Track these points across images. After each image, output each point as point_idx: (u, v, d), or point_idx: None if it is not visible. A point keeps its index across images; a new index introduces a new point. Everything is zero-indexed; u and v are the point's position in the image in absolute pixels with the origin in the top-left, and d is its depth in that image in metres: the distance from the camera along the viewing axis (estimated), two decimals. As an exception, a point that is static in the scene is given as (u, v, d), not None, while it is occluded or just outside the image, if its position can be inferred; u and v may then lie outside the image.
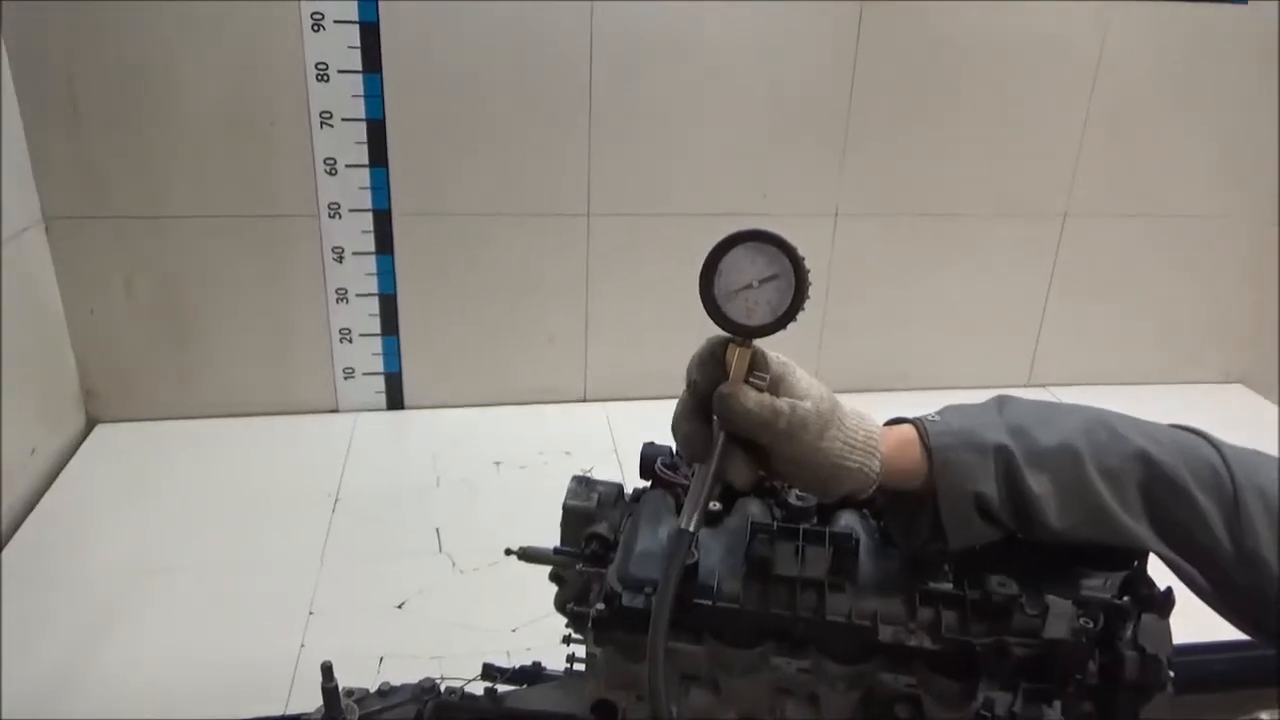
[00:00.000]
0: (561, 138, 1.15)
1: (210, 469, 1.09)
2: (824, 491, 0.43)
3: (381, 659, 0.81)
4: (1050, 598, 0.42)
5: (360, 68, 1.08)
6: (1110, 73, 1.22)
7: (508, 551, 0.55)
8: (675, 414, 0.43)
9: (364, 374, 1.22)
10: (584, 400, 1.28)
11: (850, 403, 0.43)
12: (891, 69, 1.18)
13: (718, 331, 0.41)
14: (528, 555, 0.53)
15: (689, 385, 0.43)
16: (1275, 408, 1.37)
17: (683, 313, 0.41)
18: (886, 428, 0.45)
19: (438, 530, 0.99)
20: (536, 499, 1.09)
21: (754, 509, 0.49)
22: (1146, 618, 0.41)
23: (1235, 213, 1.32)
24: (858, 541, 0.45)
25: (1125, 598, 0.43)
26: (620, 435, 1.20)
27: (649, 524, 0.48)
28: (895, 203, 1.25)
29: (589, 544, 0.49)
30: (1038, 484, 0.42)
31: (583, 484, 0.54)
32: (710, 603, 0.44)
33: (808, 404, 0.41)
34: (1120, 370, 1.39)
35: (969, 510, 0.42)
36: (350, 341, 1.20)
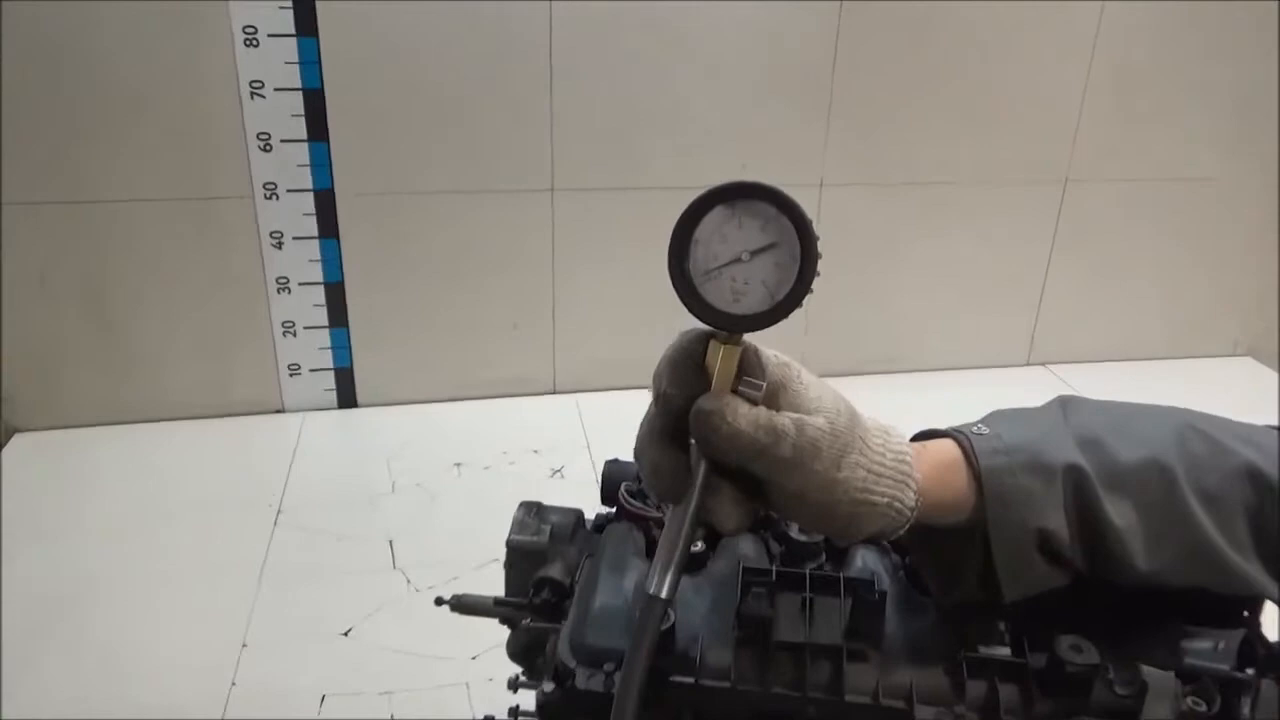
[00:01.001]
0: (520, 106, 1.04)
1: (139, 480, 0.99)
2: (842, 534, 0.33)
3: (324, 698, 0.71)
4: (1145, 669, 0.32)
5: (293, 30, 0.97)
6: (1112, 28, 1.13)
7: (438, 601, 0.45)
8: (639, 437, 0.34)
9: (311, 370, 1.12)
10: (553, 392, 1.19)
11: (859, 400, 0.34)
12: (878, 28, 1.08)
13: (694, 323, 0.32)
14: (463, 606, 0.43)
15: (656, 398, 0.33)
16: (1285, 381, 1.29)
17: (660, 293, 0.31)
18: (919, 444, 0.35)
19: (391, 543, 0.89)
20: (501, 504, 0.99)
21: (745, 548, 0.39)
22: (1266, 686, 0.32)
23: (1242, 175, 1.24)
24: (883, 593, 0.35)
25: (1246, 668, 0.33)
26: (593, 429, 1.11)
27: (611, 571, 0.38)
28: (884, 171, 1.15)
29: (539, 591, 0.39)
30: (1119, 513, 0.33)
31: (531, 513, 0.44)
32: (692, 680, 0.34)
33: (819, 420, 0.32)
34: (1124, 345, 1.31)
35: (1030, 551, 0.33)
36: (294, 335, 1.10)
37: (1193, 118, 1.20)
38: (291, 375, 1.12)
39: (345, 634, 0.78)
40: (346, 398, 1.14)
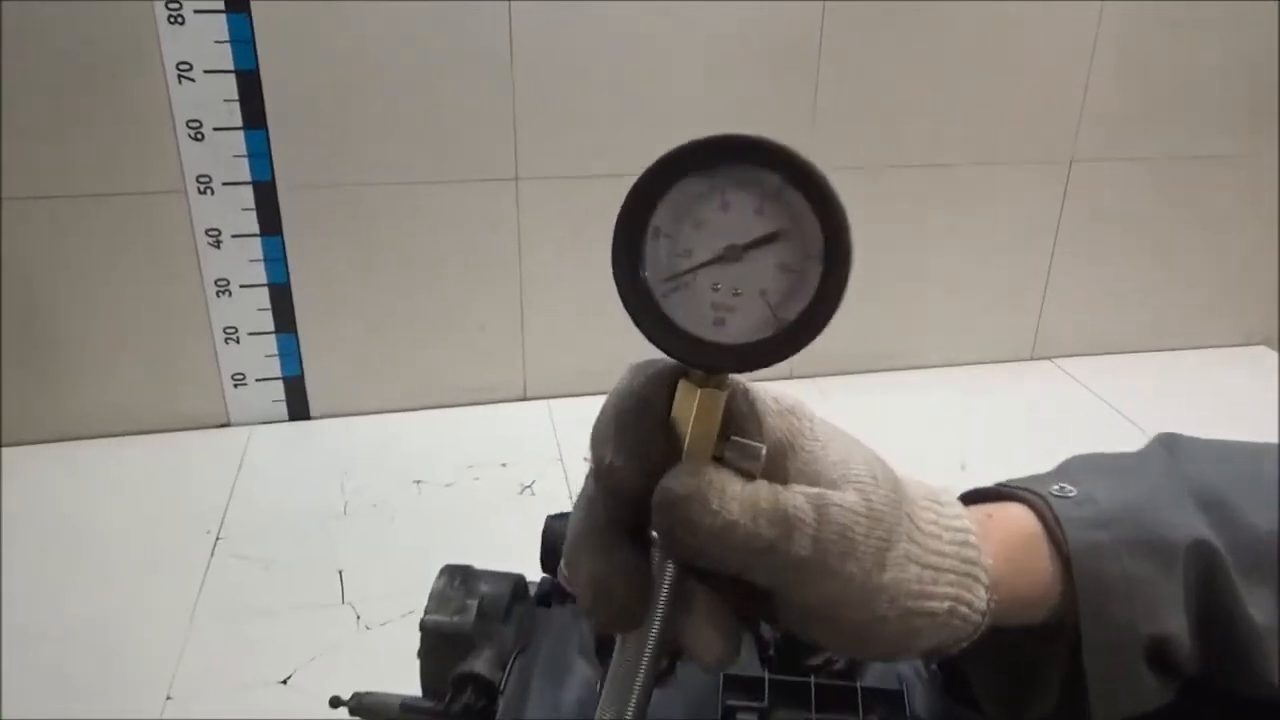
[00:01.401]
0: (480, 85, 0.95)
1: (63, 506, 0.89)
2: (886, 657, 0.24)
3: (255, 760, 0.62)
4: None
5: (223, 5, 0.87)
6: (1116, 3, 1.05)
7: (334, 702, 0.35)
8: (571, 534, 0.24)
9: (258, 380, 1.02)
10: (523, 398, 1.10)
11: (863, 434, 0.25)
12: (867, 7, 0.99)
13: (651, 350, 0.23)
14: (364, 710, 0.34)
15: (597, 473, 0.23)
16: (1303, 370, 1.22)
17: None
18: (979, 510, 0.26)
19: (341, 573, 0.80)
20: (465, 526, 0.91)
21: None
22: None
23: (1257, 152, 1.16)
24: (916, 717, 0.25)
25: None
26: (567, 438, 1.02)
27: (548, 675, 0.29)
28: (876, 153, 1.07)
29: (459, 691, 0.30)
30: (1259, 606, 0.24)
31: (455, 582, 0.34)
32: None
33: (849, 498, 0.23)
34: (1134, 336, 1.23)
35: (1136, 661, 0.24)
36: (238, 342, 1.00)
37: (1205, 91, 1.12)
38: (236, 386, 1.02)
39: (284, 681, 0.69)
40: (297, 409, 1.04)
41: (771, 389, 0.24)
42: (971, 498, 0.27)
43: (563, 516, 0.35)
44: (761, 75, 1.00)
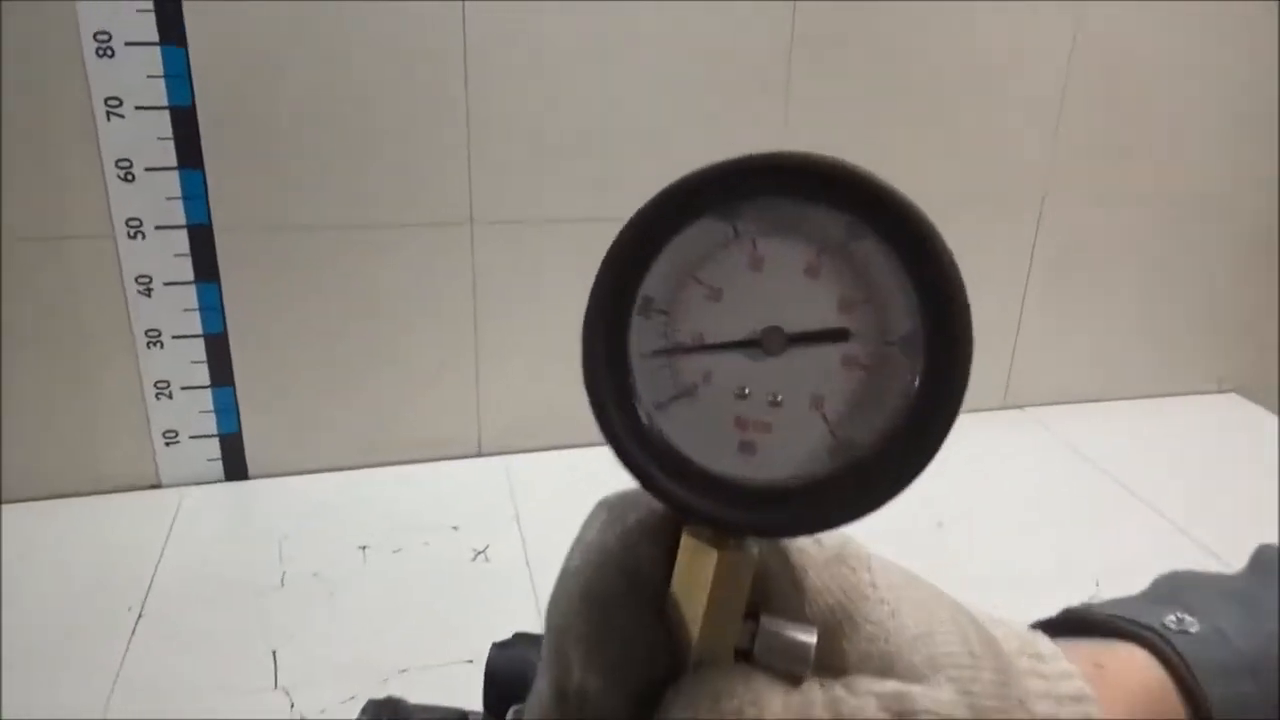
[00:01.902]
0: (432, 124, 0.90)
1: (-31, 579, 0.81)
2: None
3: None
4: None
5: (156, 38, 0.82)
6: (1091, 31, 1.03)
7: None
8: None
9: (191, 437, 0.95)
10: (478, 454, 1.03)
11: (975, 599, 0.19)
12: (836, 43, 0.97)
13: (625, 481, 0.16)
14: None
15: (559, 692, 0.16)
16: (1274, 418, 1.20)
17: None
18: (1088, 663, 0.21)
19: (274, 653, 0.73)
20: (412, 598, 0.84)
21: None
22: None
23: (1228, 196, 1.15)
24: None
25: None
26: (524, 497, 0.96)
27: None
28: (846, 197, 1.03)
29: None
30: None
31: (383, 716, 0.28)
32: None
33: (944, 695, 0.17)
34: (1106, 384, 1.21)
35: None
36: (170, 397, 0.93)
37: (1178, 135, 1.11)
38: (168, 444, 0.95)
39: (207, 783, 0.62)
40: (234, 468, 0.97)
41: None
42: (1060, 627, 0.22)
43: (508, 646, 0.29)
44: (728, 114, 0.97)
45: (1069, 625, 0.23)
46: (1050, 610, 0.31)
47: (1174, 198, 1.13)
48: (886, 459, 0.13)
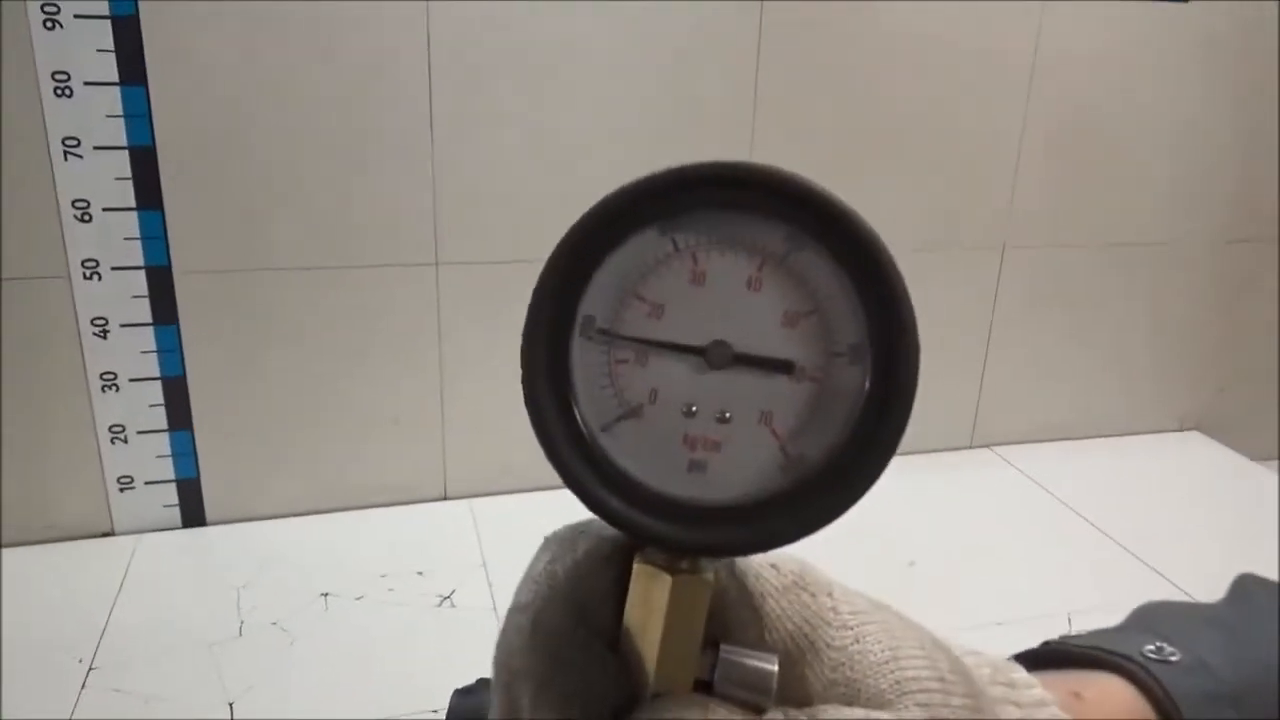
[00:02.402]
0: (397, 165, 0.90)
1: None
2: None
3: None
4: None
5: (117, 78, 0.81)
6: (1046, 82, 1.05)
7: None
8: None
9: (147, 483, 0.93)
10: (443, 498, 1.02)
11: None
12: (799, 85, 0.98)
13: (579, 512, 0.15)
14: None
15: None
16: (1234, 455, 1.21)
17: None
18: (1064, 690, 0.20)
19: (231, 706, 0.71)
20: (376, 646, 0.82)
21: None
22: None
23: (1186, 239, 1.17)
24: None
25: None
26: (491, 542, 0.94)
27: None
28: (811, 238, 1.04)
29: None
30: None
31: None
32: None
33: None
34: (1071, 423, 1.21)
35: None
36: (125, 441, 0.91)
37: (1135, 177, 1.13)
38: (123, 490, 0.92)
39: (157, 845, 0.59)
40: (192, 514, 0.95)
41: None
42: (1039, 660, 0.21)
43: (471, 692, 0.28)
44: (695, 158, 0.97)
45: (1048, 658, 0.22)
46: (1024, 647, 0.31)
47: (1130, 244, 1.16)
48: (838, 472, 0.13)
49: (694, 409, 0.14)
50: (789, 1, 0.95)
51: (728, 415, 0.14)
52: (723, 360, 0.14)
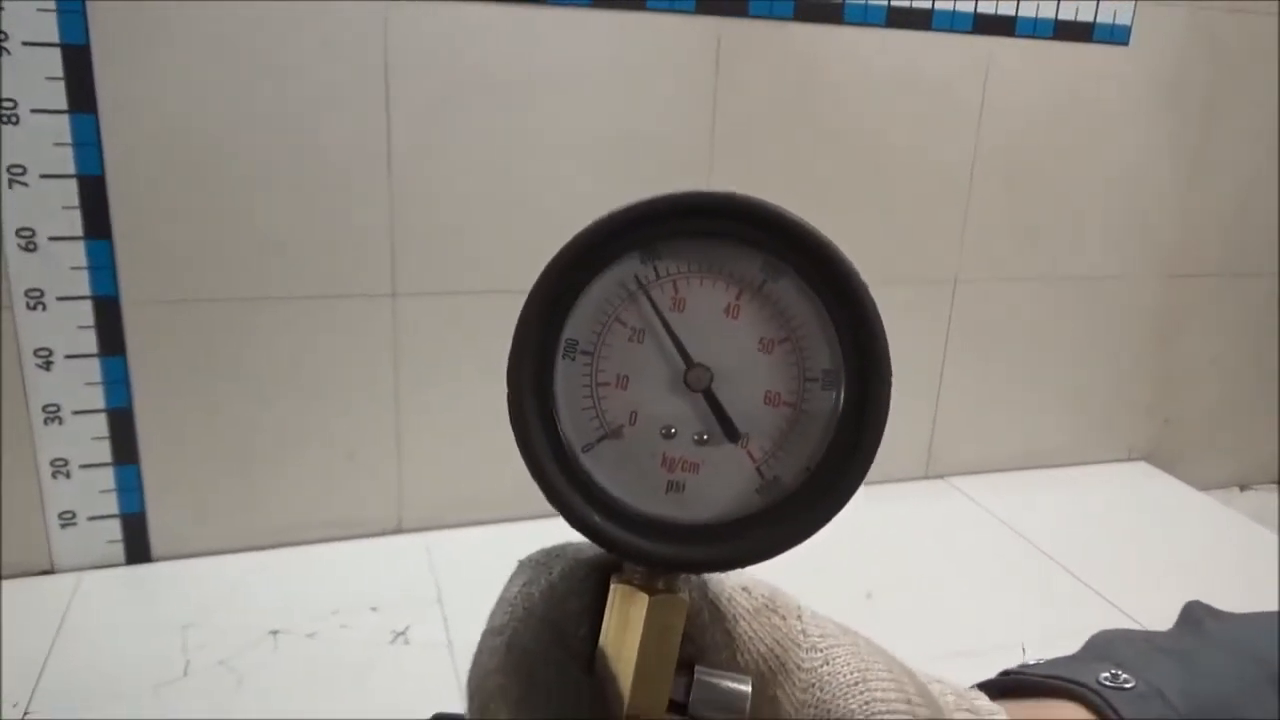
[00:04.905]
0: (352, 192, 0.89)
1: None
2: None
3: None
4: None
5: (66, 106, 0.80)
6: (994, 119, 1.08)
7: None
8: None
9: (90, 519, 0.90)
10: (398, 531, 1.00)
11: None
12: (755, 122, 0.99)
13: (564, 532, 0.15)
14: None
15: None
16: (1180, 485, 1.24)
17: None
18: (1020, 709, 0.21)
19: (175, 750, 0.69)
20: (327, 685, 0.80)
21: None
22: None
23: (1130, 273, 1.20)
24: None
25: None
26: (447, 576, 0.93)
27: None
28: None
29: None
30: None
31: None
32: None
33: None
34: (1022, 453, 1.23)
35: None
36: (68, 476, 0.88)
37: (1080, 214, 1.16)
38: (64, 526, 0.90)
39: None
40: (136, 551, 0.92)
41: (733, 574, 0.18)
42: (997, 689, 0.21)
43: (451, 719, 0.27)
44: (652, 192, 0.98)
45: (1007, 687, 0.22)
46: (982, 677, 0.31)
47: (1078, 278, 1.18)
48: (813, 491, 0.13)
49: (673, 431, 0.15)
50: (746, 36, 0.96)
51: (705, 437, 0.14)
52: (699, 382, 0.14)
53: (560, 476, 0.14)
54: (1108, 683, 0.21)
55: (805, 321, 0.14)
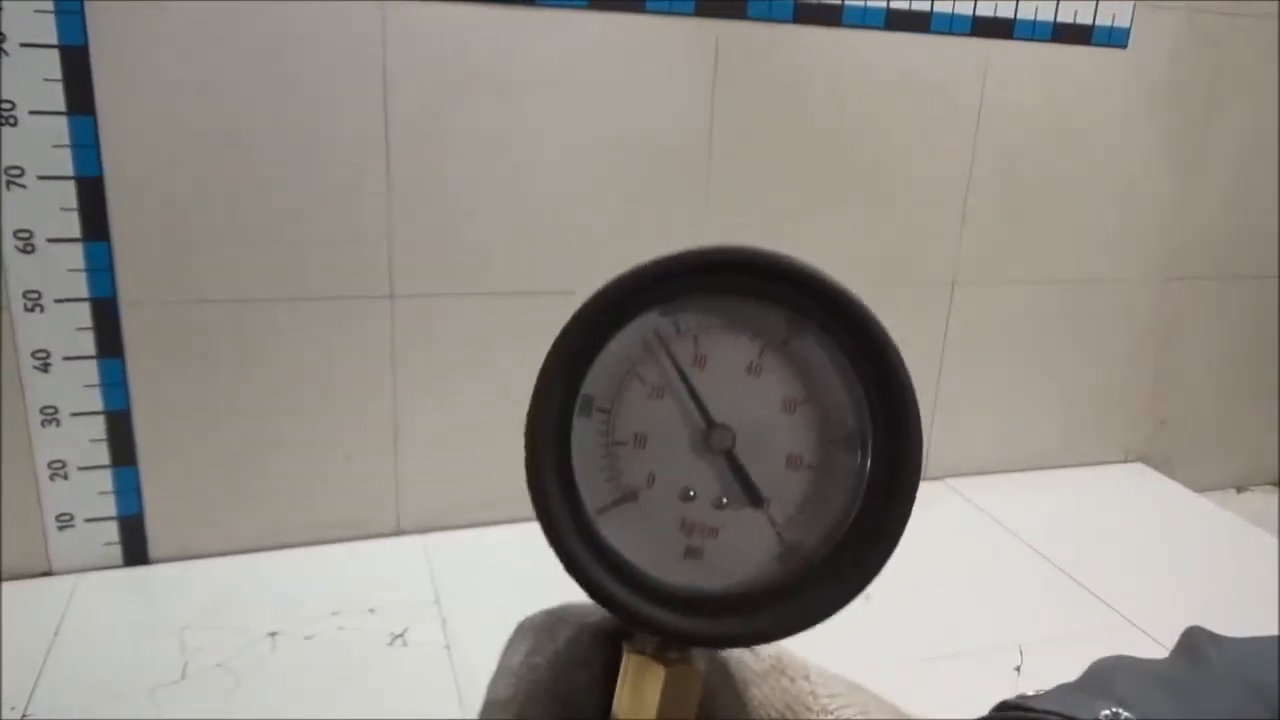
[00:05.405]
0: (351, 196, 0.89)
1: None
2: None
3: None
4: None
5: (64, 108, 0.80)
6: (992, 122, 1.08)
7: None
8: None
9: (87, 520, 0.90)
10: (396, 533, 1.00)
11: None
12: (755, 121, 0.99)
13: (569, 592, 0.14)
14: None
15: None
16: (1177, 486, 1.24)
17: (521, 414, 0.16)
18: None
19: (173, 753, 0.69)
20: (325, 687, 0.79)
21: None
22: None
23: (1126, 276, 1.21)
24: None
25: None
26: (444, 578, 0.93)
27: None
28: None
29: None
30: None
31: None
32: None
33: None
34: (1018, 456, 1.23)
35: None
36: (65, 478, 0.88)
37: (1078, 217, 1.16)
38: (62, 528, 0.90)
39: None
40: (134, 553, 0.92)
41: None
42: None
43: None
44: (653, 194, 0.98)
45: None
46: (979, 679, 0.31)
47: (1075, 281, 1.18)
48: (839, 563, 0.13)
49: (692, 493, 0.14)
50: (745, 38, 0.96)
51: (725, 500, 0.14)
52: (721, 443, 0.14)
53: (579, 542, 0.13)
54: (1107, 718, 0.21)
55: (828, 381, 0.13)
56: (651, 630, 0.13)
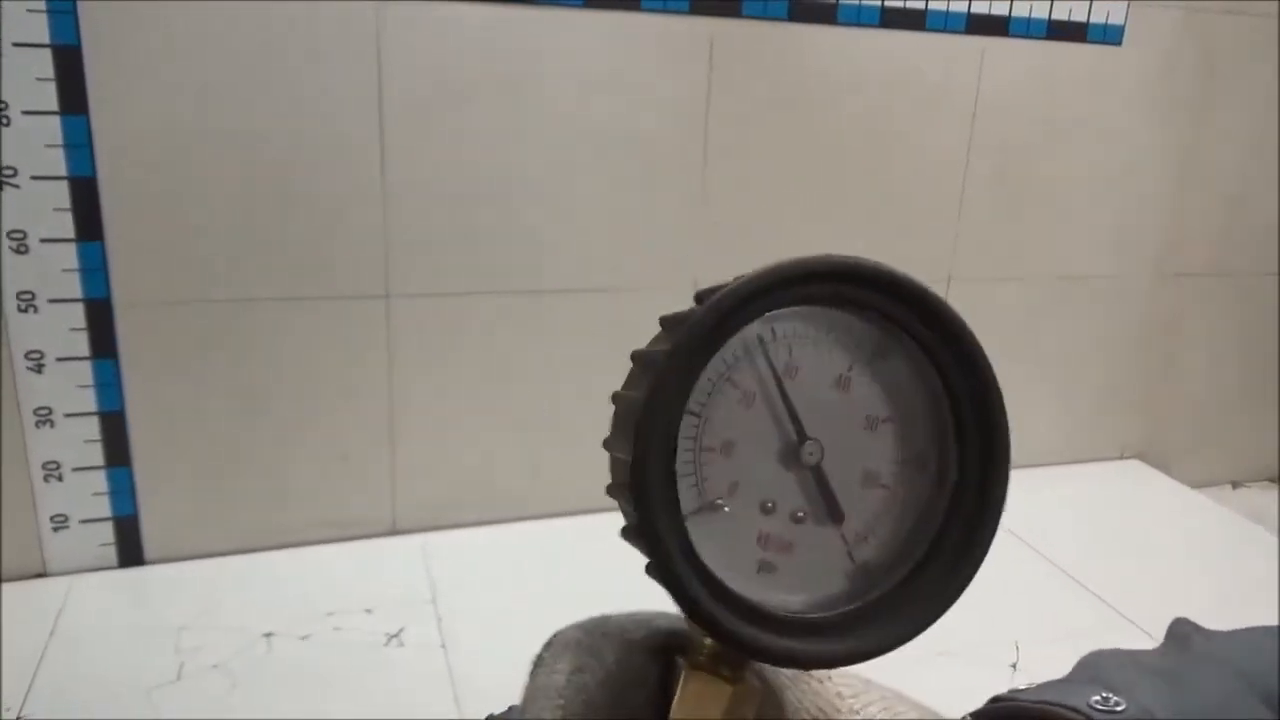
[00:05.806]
0: (346, 194, 0.89)
1: None
2: None
3: None
4: None
5: (57, 108, 0.79)
6: (987, 119, 1.08)
7: None
8: None
9: (82, 521, 0.90)
10: (392, 533, 1.00)
11: None
12: (750, 120, 0.99)
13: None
14: None
15: None
16: (1174, 483, 1.24)
17: (521, 415, 0.16)
18: None
19: (169, 754, 0.68)
20: (321, 688, 0.79)
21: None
22: None
23: (1124, 272, 1.21)
24: None
25: None
26: (441, 577, 0.92)
27: None
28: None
29: None
30: None
31: None
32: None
33: None
34: (1015, 452, 1.23)
35: None
36: (60, 479, 0.88)
37: (1074, 214, 1.16)
38: (56, 529, 0.89)
39: None
40: (129, 554, 0.92)
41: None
42: (990, 717, 0.21)
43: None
44: (649, 192, 0.98)
45: (999, 715, 0.22)
46: (975, 677, 0.31)
47: (1071, 277, 1.19)
48: (915, 589, 0.12)
49: (771, 505, 0.14)
50: (740, 37, 0.96)
51: (801, 515, 0.14)
52: (814, 459, 0.14)
53: (676, 547, 0.13)
54: (1099, 706, 0.21)
55: (913, 400, 0.13)
56: (742, 648, 0.12)
